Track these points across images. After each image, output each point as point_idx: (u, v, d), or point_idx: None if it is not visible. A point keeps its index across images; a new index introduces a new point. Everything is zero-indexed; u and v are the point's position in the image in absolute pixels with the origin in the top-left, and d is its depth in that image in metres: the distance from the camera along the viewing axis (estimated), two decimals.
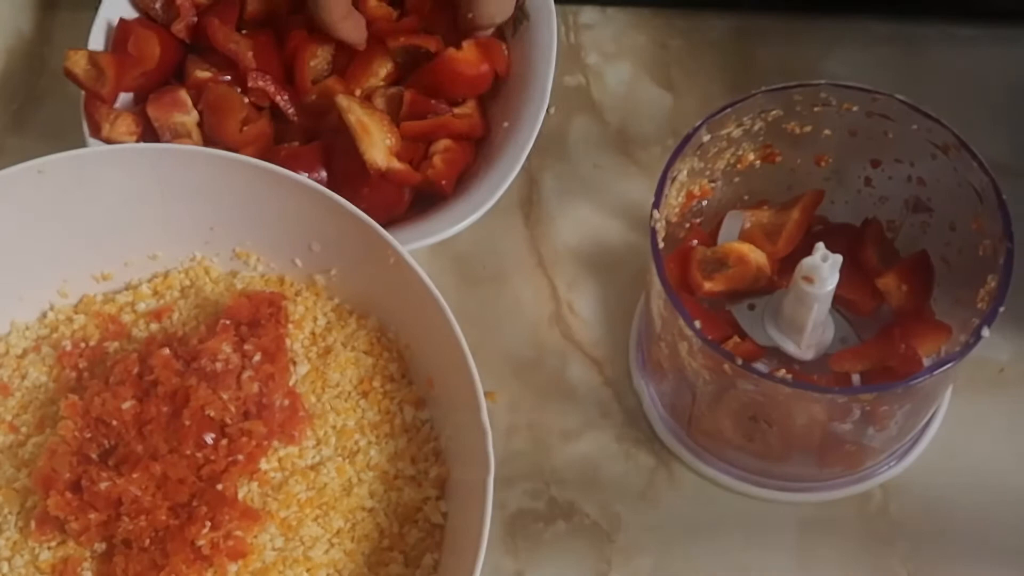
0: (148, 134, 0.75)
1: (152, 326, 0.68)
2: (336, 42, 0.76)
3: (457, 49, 0.74)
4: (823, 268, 0.60)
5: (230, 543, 0.60)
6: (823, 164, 0.67)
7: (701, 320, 0.58)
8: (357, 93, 0.75)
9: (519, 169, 0.71)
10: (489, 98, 0.76)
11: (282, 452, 0.64)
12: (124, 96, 0.76)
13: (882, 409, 0.60)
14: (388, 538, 0.62)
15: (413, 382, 0.67)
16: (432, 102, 0.74)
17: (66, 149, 0.65)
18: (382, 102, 0.75)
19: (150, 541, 0.60)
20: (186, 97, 0.75)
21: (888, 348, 0.63)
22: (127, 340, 0.68)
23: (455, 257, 0.75)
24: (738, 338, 0.67)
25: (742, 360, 0.56)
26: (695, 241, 0.67)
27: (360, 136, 0.71)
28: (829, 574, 0.66)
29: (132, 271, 0.70)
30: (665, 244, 0.61)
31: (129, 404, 0.63)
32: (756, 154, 0.66)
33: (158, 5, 0.78)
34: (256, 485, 0.63)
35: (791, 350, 0.66)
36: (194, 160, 0.66)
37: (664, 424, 0.69)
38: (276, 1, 0.78)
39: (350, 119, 0.71)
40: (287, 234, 0.68)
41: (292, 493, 0.63)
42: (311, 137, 0.75)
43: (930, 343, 0.64)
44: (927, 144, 0.62)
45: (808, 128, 0.64)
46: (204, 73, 0.76)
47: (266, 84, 0.74)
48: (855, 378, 0.65)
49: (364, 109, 0.72)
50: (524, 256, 0.76)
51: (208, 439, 0.62)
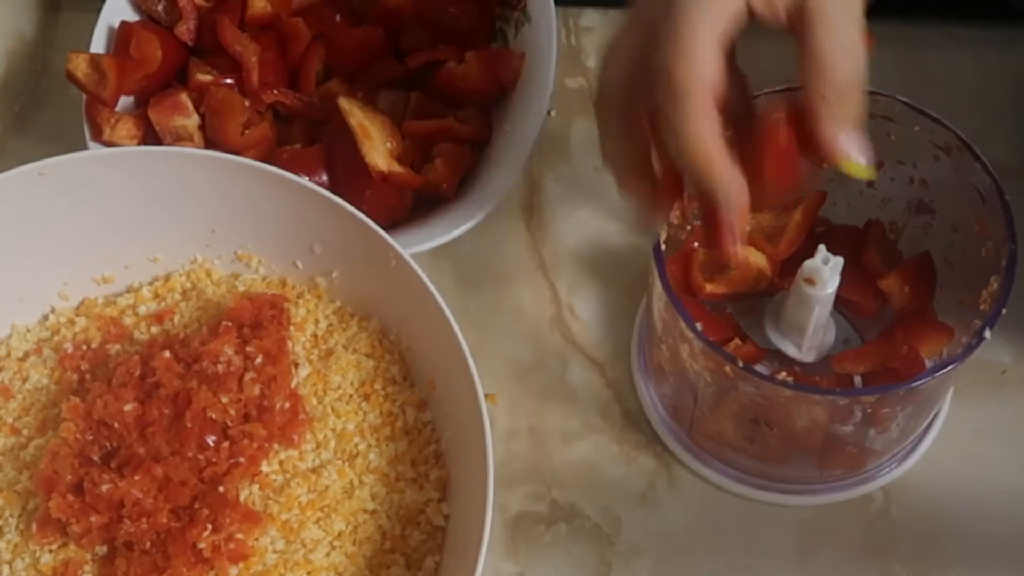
0: (150, 137, 0.75)
1: (153, 328, 0.68)
2: (338, 45, 0.76)
3: (459, 63, 0.74)
4: (824, 270, 0.60)
5: (231, 546, 0.60)
6: (825, 166, 0.67)
7: (702, 322, 0.58)
8: (359, 96, 0.75)
9: (520, 172, 0.71)
10: (491, 102, 0.76)
11: (283, 455, 0.64)
12: (125, 99, 0.76)
13: (883, 411, 0.59)
14: (390, 540, 0.62)
15: (415, 384, 0.67)
16: (436, 105, 0.74)
17: (67, 152, 0.65)
18: (386, 104, 0.75)
19: (151, 544, 0.60)
20: (187, 100, 0.74)
21: (890, 349, 0.63)
22: (129, 342, 0.68)
23: (456, 260, 0.75)
24: (739, 340, 0.66)
25: (743, 362, 0.56)
26: (697, 244, 0.67)
27: (361, 139, 0.71)
28: None
29: (133, 273, 0.70)
30: (667, 246, 0.61)
31: (131, 406, 0.63)
32: None
33: (160, 7, 0.78)
34: (257, 488, 0.63)
35: (792, 352, 0.66)
36: (195, 163, 0.66)
37: (665, 426, 0.69)
38: (278, 3, 0.78)
39: (351, 122, 0.71)
40: (289, 237, 0.68)
41: (293, 496, 0.63)
42: (313, 140, 0.75)
43: (932, 344, 0.63)
44: (929, 145, 0.62)
45: None
46: (206, 76, 0.76)
47: (283, 96, 0.74)
48: (856, 380, 0.65)
49: (365, 112, 0.72)
50: (525, 259, 0.76)
51: (210, 441, 0.62)
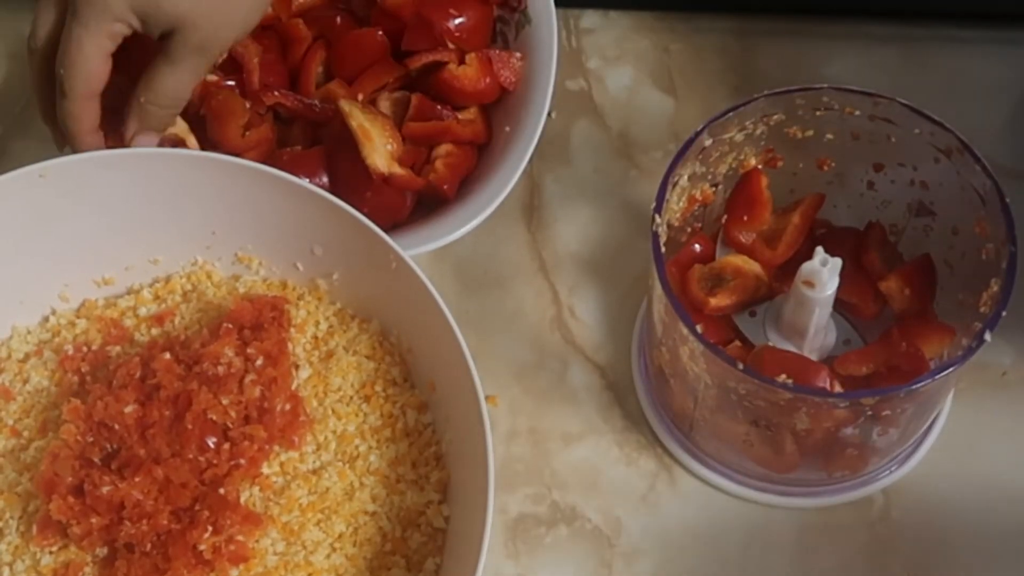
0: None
1: (154, 330, 0.68)
2: (338, 47, 0.76)
3: (459, 64, 0.74)
4: (823, 272, 0.60)
5: (232, 547, 0.60)
6: (825, 168, 0.67)
7: (702, 325, 0.57)
8: (360, 98, 0.75)
9: (521, 174, 0.71)
10: (491, 103, 0.76)
11: (284, 456, 0.64)
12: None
13: (884, 413, 0.59)
14: (390, 542, 0.62)
15: (415, 386, 0.67)
16: (437, 107, 0.74)
17: (68, 154, 0.65)
18: (387, 105, 0.75)
19: (152, 545, 0.60)
20: None
21: (892, 350, 0.63)
22: (129, 344, 0.68)
23: (457, 261, 0.75)
24: (739, 342, 0.66)
25: (743, 364, 0.56)
26: (697, 246, 0.67)
27: (362, 141, 0.71)
28: None
29: (134, 275, 0.70)
30: (667, 248, 0.61)
31: (131, 408, 0.63)
32: (758, 158, 0.66)
33: None
34: (258, 489, 0.63)
35: None
36: (196, 165, 0.66)
37: (665, 428, 0.69)
38: (278, 4, 0.78)
39: (352, 124, 0.71)
40: (289, 238, 0.68)
41: (294, 497, 0.63)
42: (313, 142, 0.75)
43: (934, 345, 0.63)
44: (929, 148, 0.62)
45: (810, 132, 0.64)
46: (208, 76, 0.76)
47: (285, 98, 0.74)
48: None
49: (366, 114, 0.72)
50: (526, 260, 0.76)
51: (210, 443, 0.62)
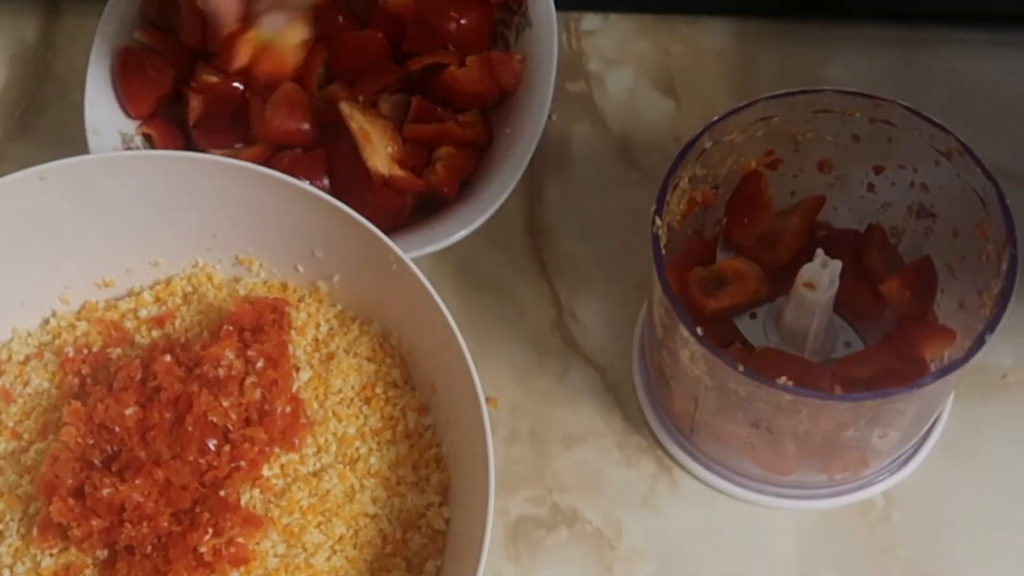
0: (166, 142, 0.75)
1: (154, 332, 0.68)
2: (339, 49, 0.76)
3: (460, 67, 0.74)
4: (823, 274, 0.60)
5: (232, 550, 0.60)
6: (826, 170, 0.67)
7: (703, 327, 0.57)
8: (360, 99, 0.75)
9: (521, 176, 0.71)
10: (491, 105, 0.76)
11: (284, 459, 0.64)
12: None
13: (885, 415, 0.59)
14: (391, 544, 0.62)
15: (416, 388, 0.67)
16: (437, 109, 0.74)
17: (68, 156, 0.65)
18: (388, 107, 0.75)
19: (152, 547, 0.60)
20: None
21: (893, 352, 0.63)
22: (130, 346, 0.68)
23: (457, 263, 0.75)
24: (740, 344, 0.66)
25: (744, 366, 0.56)
26: (698, 248, 0.67)
27: (362, 143, 0.71)
28: None
29: (134, 277, 0.70)
30: (667, 250, 0.61)
31: (132, 410, 0.63)
32: (759, 161, 0.66)
33: (164, 14, 0.78)
34: (258, 491, 0.63)
35: None
36: (196, 167, 0.66)
37: (666, 431, 0.69)
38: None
39: (352, 126, 0.71)
40: (290, 240, 0.68)
41: (294, 500, 0.63)
42: (314, 144, 0.75)
43: (934, 348, 0.63)
44: (930, 150, 0.62)
45: (811, 134, 0.64)
46: (212, 78, 0.76)
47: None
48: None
49: (366, 116, 0.72)
50: (526, 263, 0.76)
51: (211, 445, 0.62)
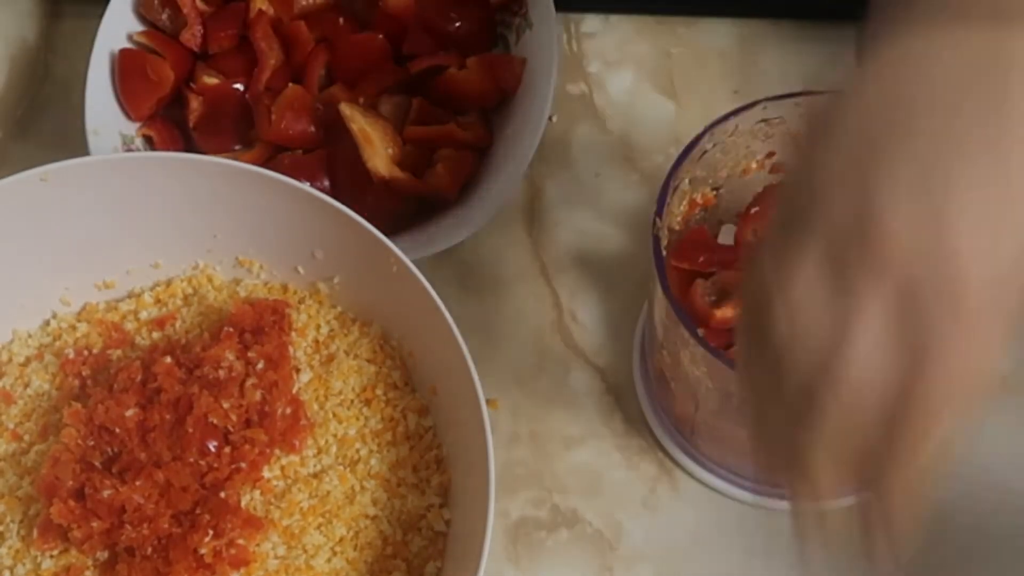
0: (166, 143, 0.75)
1: (155, 334, 0.68)
2: (340, 51, 0.76)
3: (461, 68, 0.74)
4: None
5: (232, 551, 0.60)
6: None
7: (704, 328, 0.58)
8: (361, 101, 0.75)
9: (521, 178, 0.71)
10: (492, 107, 0.76)
11: (284, 460, 0.64)
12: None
13: None
14: (391, 546, 0.62)
15: (416, 390, 0.67)
16: (438, 111, 0.74)
17: (69, 157, 0.65)
18: (388, 109, 0.75)
19: (153, 549, 0.60)
20: None
21: None
22: (130, 348, 0.68)
23: (457, 265, 0.75)
24: None
25: None
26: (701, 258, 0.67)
27: (363, 144, 0.71)
28: None
29: (134, 279, 0.70)
30: (668, 252, 0.61)
31: (132, 412, 0.63)
32: (759, 162, 0.66)
33: (164, 15, 0.78)
34: (259, 493, 0.63)
35: None
36: (197, 168, 0.66)
37: (666, 432, 0.69)
38: (281, 6, 0.78)
39: (353, 127, 0.71)
40: (290, 242, 0.68)
41: (295, 501, 0.63)
42: (316, 145, 0.75)
43: None
44: None
45: None
46: (212, 79, 0.76)
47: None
48: None
49: (367, 117, 0.72)
50: (526, 264, 0.76)
51: (211, 447, 0.62)
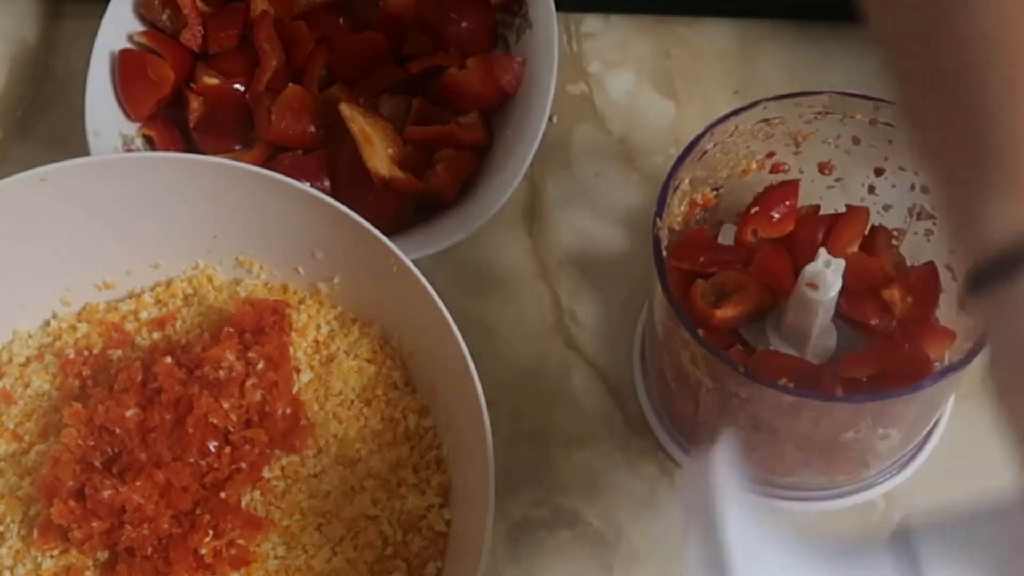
0: (166, 144, 0.75)
1: (155, 334, 0.68)
2: (340, 51, 0.76)
3: (461, 69, 0.74)
4: (827, 273, 0.60)
5: (233, 551, 0.60)
6: (826, 172, 0.67)
7: (704, 329, 0.57)
8: (361, 101, 0.75)
9: (521, 178, 0.71)
10: (492, 107, 0.76)
11: (285, 460, 0.64)
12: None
13: (885, 417, 0.59)
14: (391, 546, 0.62)
15: (416, 390, 0.67)
16: (438, 111, 0.74)
17: (69, 157, 0.65)
18: (388, 109, 0.75)
19: (153, 549, 0.60)
20: None
21: (894, 353, 0.63)
22: (130, 348, 0.68)
23: (458, 265, 0.75)
24: (740, 346, 0.66)
25: (745, 368, 0.56)
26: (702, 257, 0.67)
27: (363, 145, 0.71)
28: None
29: (135, 279, 0.70)
30: (668, 253, 0.61)
31: (132, 412, 0.63)
32: (759, 163, 0.66)
33: (165, 16, 0.78)
34: (259, 493, 0.63)
35: None
36: (197, 168, 0.66)
37: (667, 433, 0.69)
38: (281, 6, 0.78)
39: (353, 128, 0.71)
40: (290, 242, 0.68)
41: (295, 501, 0.63)
42: (316, 145, 0.75)
43: (935, 349, 0.63)
44: None
45: (811, 136, 0.64)
46: (213, 80, 0.76)
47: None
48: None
49: (367, 118, 0.72)
50: (526, 265, 0.76)
51: (211, 447, 0.62)
